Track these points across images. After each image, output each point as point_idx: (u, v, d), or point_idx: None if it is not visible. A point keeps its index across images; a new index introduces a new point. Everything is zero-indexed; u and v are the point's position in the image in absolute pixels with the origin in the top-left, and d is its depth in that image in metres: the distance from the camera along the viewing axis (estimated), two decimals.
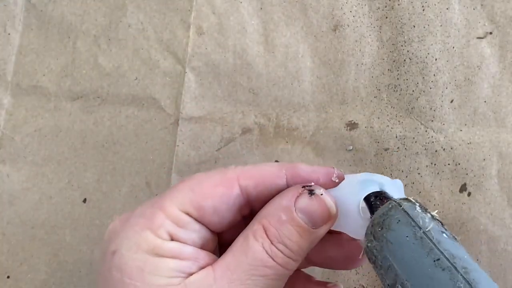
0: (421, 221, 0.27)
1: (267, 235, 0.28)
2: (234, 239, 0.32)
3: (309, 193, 0.29)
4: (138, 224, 0.29)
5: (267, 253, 0.28)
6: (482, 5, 0.41)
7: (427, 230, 0.27)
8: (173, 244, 0.28)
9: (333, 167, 0.31)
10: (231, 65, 0.43)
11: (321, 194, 0.29)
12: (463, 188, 0.40)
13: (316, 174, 0.31)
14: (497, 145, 0.40)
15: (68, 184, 0.43)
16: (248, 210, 0.32)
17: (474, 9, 0.41)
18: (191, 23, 0.43)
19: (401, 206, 0.27)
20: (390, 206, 0.28)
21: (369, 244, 0.27)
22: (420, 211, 0.28)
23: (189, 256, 0.28)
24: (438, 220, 0.27)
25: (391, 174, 0.40)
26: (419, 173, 0.40)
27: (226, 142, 0.42)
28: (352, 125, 0.41)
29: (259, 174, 0.31)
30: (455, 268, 0.25)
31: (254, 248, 0.28)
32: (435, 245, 0.26)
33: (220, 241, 0.33)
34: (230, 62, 0.43)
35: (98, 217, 0.42)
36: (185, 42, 0.43)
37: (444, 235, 0.27)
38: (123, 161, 0.43)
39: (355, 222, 0.30)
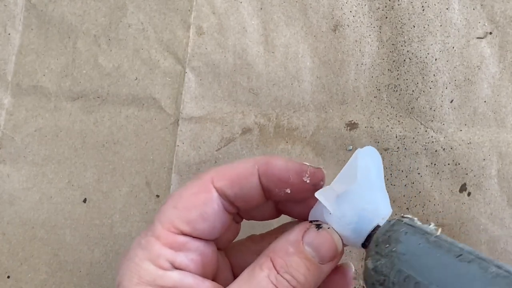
0: (428, 229, 0.27)
1: (274, 266, 0.28)
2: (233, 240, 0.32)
3: (316, 227, 0.29)
4: (137, 255, 0.28)
5: (272, 283, 0.27)
6: (482, 5, 0.41)
7: (437, 234, 0.26)
8: (175, 274, 0.28)
9: (307, 164, 0.30)
10: (231, 65, 0.43)
11: (328, 228, 0.29)
12: (463, 188, 0.40)
13: (288, 173, 0.30)
14: (497, 145, 0.40)
15: (68, 184, 0.43)
16: (235, 209, 0.31)
17: (474, 9, 0.41)
18: (191, 23, 0.43)
19: (402, 221, 0.27)
20: (392, 223, 0.28)
21: (376, 264, 0.26)
22: (420, 222, 0.27)
23: (190, 286, 0.28)
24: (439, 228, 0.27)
25: (391, 174, 0.40)
26: (419, 173, 0.40)
27: (226, 142, 0.42)
28: (352, 125, 0.41)
29: (233, 173, 0.30)
30: (481, 258, 0.25)
31: (259, 277, 0.27)
32: (451, 244, 0.26)
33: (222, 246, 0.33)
34: (230, 62, 0.43)
35: (98, 217, 0.42)
36: (185, 42, 0.43)
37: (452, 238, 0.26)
38: (123, 161, 0.43)
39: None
